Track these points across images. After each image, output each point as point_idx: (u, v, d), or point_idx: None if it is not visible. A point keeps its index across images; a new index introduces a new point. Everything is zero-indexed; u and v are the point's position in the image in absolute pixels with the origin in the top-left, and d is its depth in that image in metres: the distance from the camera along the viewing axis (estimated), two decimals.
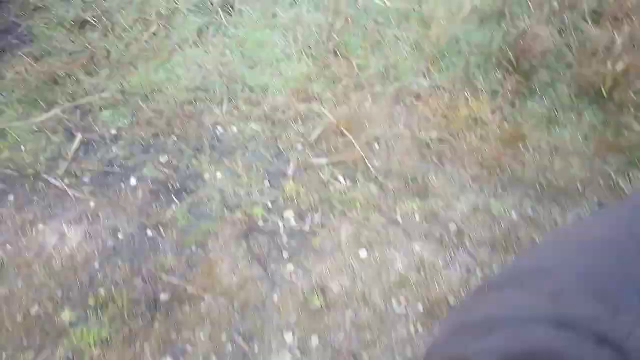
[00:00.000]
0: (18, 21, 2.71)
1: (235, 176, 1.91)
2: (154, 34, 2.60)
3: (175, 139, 2.05)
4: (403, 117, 2.18)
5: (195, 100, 2.23)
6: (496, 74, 2.27)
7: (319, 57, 2.44)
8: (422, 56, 2.41)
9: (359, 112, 2.18)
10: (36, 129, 2.07)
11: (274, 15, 2.69)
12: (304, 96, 2.26)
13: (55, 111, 2.13)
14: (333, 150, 2.04)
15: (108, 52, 2.43)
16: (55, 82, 2.27)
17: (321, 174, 1.94)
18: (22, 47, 2.55)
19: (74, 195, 1.78)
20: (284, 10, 2.71)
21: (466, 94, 2.23)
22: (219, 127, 2.12)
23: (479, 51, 2.34)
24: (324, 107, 2.20)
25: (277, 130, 2.11)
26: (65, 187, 1.80)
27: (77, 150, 1.97)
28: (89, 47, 2.46)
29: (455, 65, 2.34)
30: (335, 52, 2.45)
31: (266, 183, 1.90)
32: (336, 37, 2.49)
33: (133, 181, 1.86)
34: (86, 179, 1.85)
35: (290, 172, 1.94)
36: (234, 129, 2.12)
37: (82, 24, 2.64)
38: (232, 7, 2.73)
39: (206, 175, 1.91)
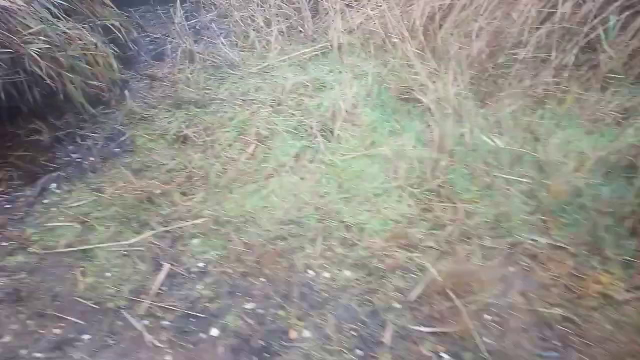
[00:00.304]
0: (123, 129, 2.81)
1: (324, 338, 1.70)
2: (252, 155, 2.57)
3: (263, 280, 1.90)
4: (518, 281, 1.90)
5: (288, 236, 2.10)
6: (630, 241, 1.97)
7: (421, 197, 2.27)
8: (538, 208, 2.17)
9: (467, 270, 1.93)
10: (124, 253, 2.00)
11: (373, 144, 2.59)
12: (403, 242, 2.07)
13: (146, 235, 2.07)
14: (437, 316, 1.79)
15: (206, 173, 2.40)
16: (151, 201, 2.24)
17: (422, 348, 1.68)
18: (123, 157, 2.61)
19: (152, 343, 1.64)
20: (384, 139, 2.62)
21: (594, 262, 1.93)
22: (310, 271, 1.95)
23: (608, 210, 2.07)
24: (426, 259, 1.98)
25: (373, 283, 1.90)
26: (145, 330, 1.67)
27: (162, 284, 1.85)
28: (188, 165, 2.45)
29: (578, 224, 2.07)
30: (439, 193, 2.27)
31: (358, 352, 1.66)
32: (441, 176, 2.33)
33: (214, 332, 1.69)
34: (166, 322, 1.71)
35: (386, 339, 1.70)
36: (326, 275, 1.94)
37: (184, 138, 2.67)
38: (331, 132, 2.68)
39: (292, 334, 1.71)
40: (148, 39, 3.68)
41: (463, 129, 2.54)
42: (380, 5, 3.51)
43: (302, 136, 2.68)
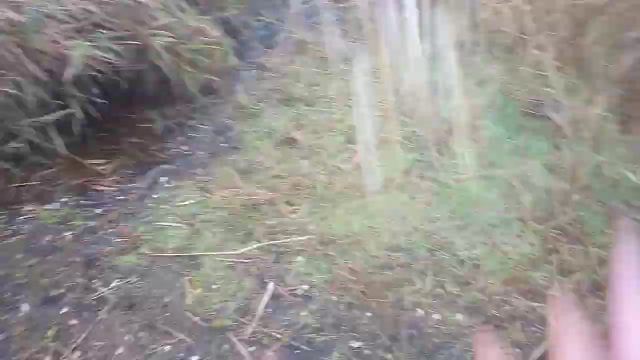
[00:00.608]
0: (231, 124, 2.80)
1: None
2: (358, 164, 2.45)
3: (370, 315, 1.80)
4: None
5: (395, 265, 1.97)
6: None
7: (546, 234, 2.03)
8: None
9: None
10: (230, 264, 1.99)
11: (492, 165, 2.36)
12: (524, 288, 1.86)
13: (252, 247, 2.04)
14: None
15: (312, 182, 2.32)
16: (257, 209, 2.21)
17: None
18: (230, 153, 2.59)
19: None
20: (505, 160, 2.38)
21: None
22: (419, 310, 1.82)
23: None
24: (551, 312, 1.77)
25: None
26: (250, 359, 1.65)
27: (266, 305, 1.82)
28: (294, 172, 2.39)
29: None
30: (567, 232, 2.02)
31: None
32: (570, 212, 2.07)
33: None
34: (271, 353, 1.67)
35: None
36: (437, 316, 1.80)
37: (291, 141, 2.61)
38: (446, 146, 2.48)
39: None
40: (261, 23, 3.62)
41: (601, 158, 2.23)
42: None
43: (413, 148, 2.50)
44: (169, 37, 2.41)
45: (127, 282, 1.93)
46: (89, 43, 2.25)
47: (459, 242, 2.04)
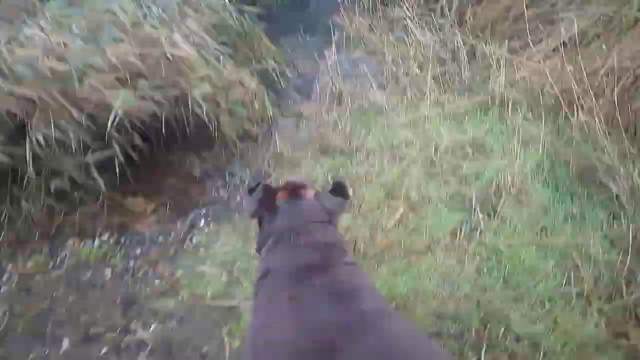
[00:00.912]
0: (268, 171, 2.73)
1: None
2: (400, 221, 2.34)
3: None
4: None
5: (445, 335, 1.83)
6: None
7: (612, 314, 1.87)
8: None
9: None
10: None
11: (545, 231, 2.24)
12: None
13: None
14: None
15: (353, 237, 2.21)
16: None
17: None
18: None
19: None
20: (557, 226, 2.25)
21: None
22: None
23: None
24: None
25: None
26: None
27: None
28: None
29: None
30: (635, 314, 1.87)
31: None
32: (637, 292, 1.91)
33: None
34: None
35: None
36: None
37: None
38: (493, 208, 2.36)
39: None
40: (297, 73, 3.62)
41: None
42: (552, 57, 3.12)
43: (458, 208, 2.39)
44: (208, 87, 2.39)
45: (165, 327, 1.89)
46: (129, 91, 2.23)
47: (513, 315, 1.89)
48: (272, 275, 1.12)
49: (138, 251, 2.24)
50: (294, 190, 1.30)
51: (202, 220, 2.42)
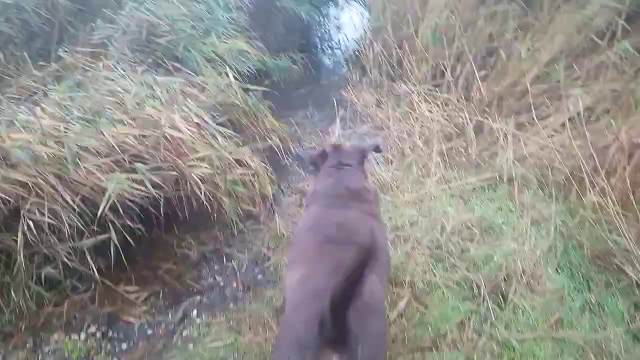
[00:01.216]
0: (268, 254, 2.65)
1: None
2: (404, 312, 2.20)
3: None
4: None
5: None
6: None
7: None
8: None
9: None
10: None
11: (561, 323, 2.07)
12: None
13: None
14: None
15: None
16: None
17: None
18: (265, 287, 2.43)
19: None
20: (573, 317, 2.09)
21: None
22: None
23: None
24: None
25: None
26: None
27: None
28: None
29: None
30: None
31: None
32: None
33: None
34: None
35: None
36: None
37: None
38: (503, 297, 2.21)
39: None
40: (302, 148, 3.61)
41: None
42: (560, 133, 3.04)
43: (466, 297, 2.25)
44: (207, 168, 2.37)
45: None
46: (125, 175, 2.22)
47: None
48: (317, 193, 1.93)
49: (125, 346, 2.13)
50: (336, 145, 2.11)
51: (195, 310, 2.32)
